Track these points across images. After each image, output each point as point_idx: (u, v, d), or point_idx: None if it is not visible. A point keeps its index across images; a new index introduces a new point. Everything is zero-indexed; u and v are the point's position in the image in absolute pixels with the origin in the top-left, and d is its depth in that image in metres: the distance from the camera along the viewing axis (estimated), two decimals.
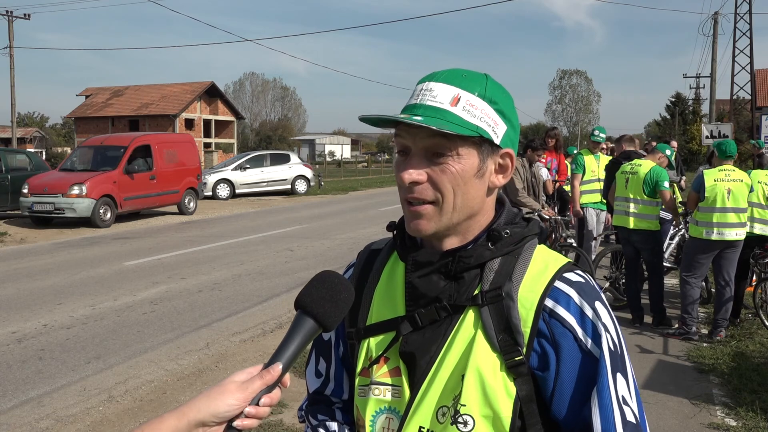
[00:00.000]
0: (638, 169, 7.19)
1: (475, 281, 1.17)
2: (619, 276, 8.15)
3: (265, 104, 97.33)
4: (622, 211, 7.30)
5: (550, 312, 1.12)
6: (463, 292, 1.17)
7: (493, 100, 1.16)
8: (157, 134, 20.78)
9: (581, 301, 1.13)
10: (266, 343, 6.86)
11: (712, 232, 6.56)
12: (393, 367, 1.21)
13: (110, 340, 7.00)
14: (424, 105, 1.14)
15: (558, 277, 1.15)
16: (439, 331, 1.17)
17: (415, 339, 1.18)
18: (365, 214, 19.88)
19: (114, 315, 7.97)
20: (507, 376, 1.12)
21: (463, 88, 1.15)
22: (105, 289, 9.31)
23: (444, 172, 1.14)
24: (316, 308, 1.02)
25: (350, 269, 1.37)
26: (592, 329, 1.11)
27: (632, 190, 7.16)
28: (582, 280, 1.16)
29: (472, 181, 1.16)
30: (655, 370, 5.94)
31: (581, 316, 1.12)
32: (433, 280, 1.19)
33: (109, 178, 16.69)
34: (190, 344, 6.85)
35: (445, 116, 1.12)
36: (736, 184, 6.58)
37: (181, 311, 8.14)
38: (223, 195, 24.51)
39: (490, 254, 1.17)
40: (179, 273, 10.49)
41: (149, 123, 46.75)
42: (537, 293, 1.13)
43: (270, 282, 9.79)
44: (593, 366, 1.10)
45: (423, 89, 1.16)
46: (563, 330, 1.11)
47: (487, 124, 1.15)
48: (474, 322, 1.15)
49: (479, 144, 1.15)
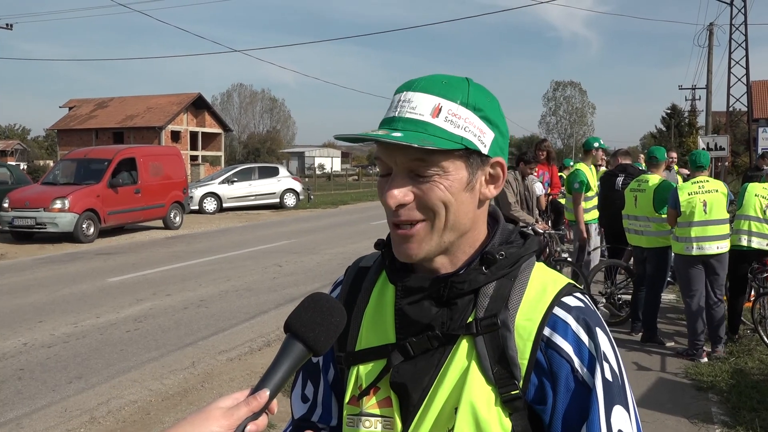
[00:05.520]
0: (645, 185, 7.14)
1: (469, 307, 1.13)
2: (615, 291, 8.18)
3: (254, 116, 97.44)
4: (634, 231, 7.26)
5: (547, 341, 1.09)
6: (456, 320, 1.13)
7: (477, 107, 1.12)
8: (142, 147, 20.75)
9: (579, 328, 1.10)
10: (254, 362, 6.82)
11: (692, 247, 6.51)
12: (383, 398, 1.17)
13: (92, 359, 6.94)
14: (403, 118, 1.10)
15: (556, 302, 1.11)
16: (432, 362, 1.13)
17: (406, 369, 1.15)
18: (356, 228, 19.86)
19: (96, 333, 7.91)
20: (502, 411, 1.08)
21: (443, 96, 1.10)
22: (87, 307, 9.25)
23: (432, 190, 1.09)
24: (307, 332, 1.01)
25: (337, 288, 1.33)
26: (588, 359, 1.08)
27: (642, 208, 7.12)
28: (581, 305, 1.13)
29: (463, 196, 1.11)
30: (652, 388, 5.94)
31: (578, 345, 1.09)
32: (424, 307, 1.15)
33: (92, 192, 16.62)
34: (175, 363, 6.80)
35: (426, 129, 1.08)
36: (712, 195, 6.50)
37: (166, 329, 8.09)
38: (210, 209, 24.46)
39: (485, 279, 1.13)
40: (164, 289, 10.43)
41: (134, 135, 46.65)
42: (535, 322, 1.10)
43: (258, 298, 9.75)
44: (586, 398, 1.07)
45: (401, 100, 1.12)
46: (560, 360, 1.08)
47: (472, 134, 1.10)
48: (468, 353, 1.11)
49: (466, 156, 1.10)
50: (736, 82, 35.20)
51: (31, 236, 16.39)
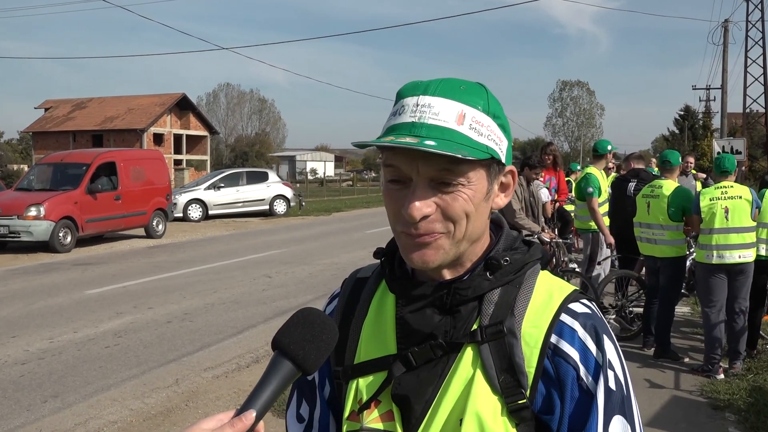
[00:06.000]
0: (659, 191, 7.13)
1: (473, 315, 1.15)
2: (626, 303, 8.19)
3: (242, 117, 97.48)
4: (647, 239, 7.26)
5: (554, 349, 1.11)
6: (460, 328, 1.15)
7: (496, 114, 1.15)
8: (122, 150, 20.74)
9: (586, 334, 1.12)
10: (241, 379, 6.81)
11: (712, 255, 6.54)
12: (385, 411, 1.19)
13: (69, 376, 6.92)
14: (426, 124, 1.10)
15: (563, 308, 1.14)
16: (435, 372, 1.15)
17: (408, 380, 1.16)
18: (350, 237, 19.87)
19: (74, 349, 7.89)
20: (509, 421, 1.10)
21: (465, 102, 1.12)
22: (64, 321, 9.23)
23: (456, 200, 1.11)
24: (295, 350, 1.01)
25: (334, 300, 1.35)
26: (594, 366, 1.10)
27: (655, 215, 7.11)
28: (588, 311, 1.15)
29: (482, 206, 1.15)
30: (666, 407, 5.94)
31: (585, 352, 1.11)
32: (426, 315, 1.17)
33: (69, 199, 16.60)
34: (158, 381, 6.78)
35: (453, 137, 1.09)
36: (735, 201, 6.52)
37: (148, 344, 8.07)
38: (194, 216, 24.45)
39: (489, 285, 1.16)
40: (146, 302, 10.42)
41: (114, 138, 46.67)
42: (542, 329, 1.12)
43: (246, 312, 9.74)
44: (588, 406, 1.09)
45: (419, 104, 1.11)
46: (567, 368, 1.11)
47: (494, 143, 1.13)
48: (472, 361, 1.13)
49: (488, 165, 1.14)
50: (753, 81, 35.36)
51: (4, 246, 16.33)
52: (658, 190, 7.14)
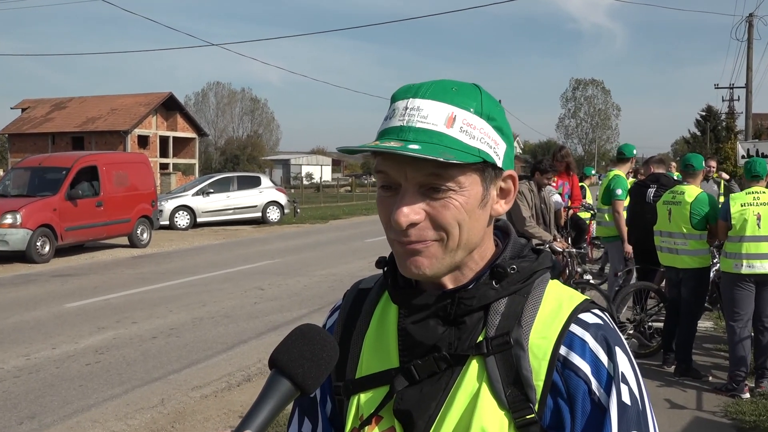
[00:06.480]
0: (681, 197, 7.12)
1: (479, 326, 1.17)
2: (645, 318, 8.19)
3: (232, 118, 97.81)
4: (668, 249, 7.25)
5: (563, 361, 1.13)
6: (464, 339, 1.17)
7: (490, 116, 1.16)
8: (105, 153, 20.82)
9: (597, 346, 1.13)
10: (232, 399, 6.81)
11: (741, 264, 6.54)
12: (387, 428, 1.20)
13: (47, 396, 6.93)
14: (414, 128, 1.12)
15: (573, 319, 1.15)
16: (439, 386, 1.17)
17: (411, 395, 1.18)
18: (348, 246, 19.90)
19: (52, 366, 7.90)
20: None
21: (456, 104, 1.14)
22: (42, 336, 9.23)
23: (446, 207, 1.12)
24: (294, 368, 1.02)
25: (335, 312, 1.37)
26: (606, 379, 1.12)
27: (677, 223, 7.11)
28: (599, 321, 1.16)
29: (477, 213, 1.16)
30: (688, 429, 5.93)
31: (596, 365, 1.12)
32: (430, 326, 1.18)
33: (48, 205, 16.62)
34: (142, 400, 6.78)
35: (441, 140, 1.11)
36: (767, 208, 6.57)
37: (132, 361, 8.07)
38: (182, 224, 24.46)
39: (495, 294, 1.17)
40: (130, 316, 10.42)
41: (96, 140, 46.71)
42: (550, 340, 1.14)
43: (236, 326, 9.75)
44: (601, 422, 1.10)
45: (408, 108, 1.14)
46: (577, 381, 1.12)
47: (488, 146, 1.15)
48: (478, 374, 1.15)
49: (482, 170, 1.15)
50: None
51: None
52: (680, 197, 7.14)
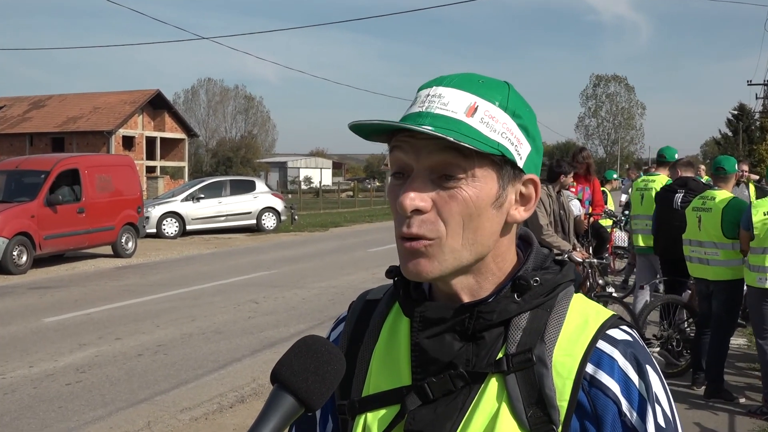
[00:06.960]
0: (711, 203, 7.08)
1: (499, 342, 1.17)
2: (673, 334, 8.16)
3: (225, 118, 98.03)
4: (698, 259, 7.22)
5: (590, 380, 1.13)
6: (483, 356, 1.17)
7: (516, 113, 1.17)
8: (87, 156, 20.84)
9: (627, 364, 1.14)
10: (224, 422, 6.81)
11: (766, 279, 6.51)
12: None
13: (24, 418, 6.92)
14: (432, 114, 1.14)
15: (600, 335, 1.15)
16: (455, 405, 1.16)
17: (424, 415, 1.17)
18: (350, 256, 19.92)
19: (29, 386, 7.89)
20: None
21: (480, 95, 1.15)
22: (18, 353, 9.23)
23: (453, 198, 1.13)
24: (298, 383, 1.02)
25: (340, 324, 1.37)
26: (639, 400, 1.12)
27: (707, 231, 7.06)
28: (629, 338, 1.17)
29: (488, 212, 1.16)
30: None
31: (626, 384, 1.13)
32: (446, 342, 1.18)
33: (25, 212, 16.65)
34: (127, 423, 6.77)
35: (459, 128, 1.12)
36: None
37: (116, 381, 8.07)
38: (170, 232, 24.51)
39: (517, 308, 1.17)
40: (113, 332, 10.42)
41: (77, 142, 46.90)
42: (576, 358, 1.14)
43: (229, 343, 9.74)
44: None
45: (429, 95, 1.17)
46: (606, 401, 1.12)
47: (509, 142, 1.16)
48: (498, 394, 1.15)
49: (500, 166, 1.16)
50: None
51: None
52: (711, 203, 7.10)
